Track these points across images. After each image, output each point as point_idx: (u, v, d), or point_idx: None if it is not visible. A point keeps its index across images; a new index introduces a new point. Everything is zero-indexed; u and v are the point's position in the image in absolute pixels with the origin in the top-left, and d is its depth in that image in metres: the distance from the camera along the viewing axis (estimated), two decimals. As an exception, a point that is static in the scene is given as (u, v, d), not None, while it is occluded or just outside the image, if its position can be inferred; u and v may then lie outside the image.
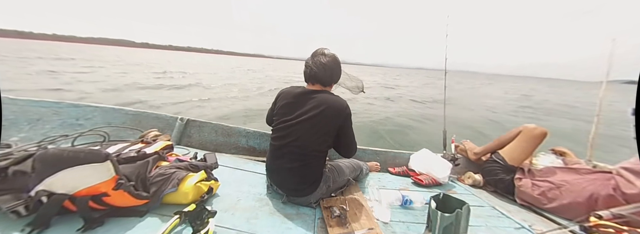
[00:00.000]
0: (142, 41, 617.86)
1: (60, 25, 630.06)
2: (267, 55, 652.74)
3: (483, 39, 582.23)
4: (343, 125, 1.14)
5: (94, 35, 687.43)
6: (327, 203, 1.16)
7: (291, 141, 1.11)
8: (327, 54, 1.18)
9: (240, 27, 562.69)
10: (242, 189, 1.22)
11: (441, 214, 0.87)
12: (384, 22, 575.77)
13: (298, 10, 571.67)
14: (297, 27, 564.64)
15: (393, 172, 1.78)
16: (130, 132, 1.68)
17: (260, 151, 1.87)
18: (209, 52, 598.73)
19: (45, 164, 0.73)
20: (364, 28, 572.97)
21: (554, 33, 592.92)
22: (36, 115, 1.64)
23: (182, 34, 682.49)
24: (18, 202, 0.70)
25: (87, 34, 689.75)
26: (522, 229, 1.16)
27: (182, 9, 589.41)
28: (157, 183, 0.94)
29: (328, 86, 1.23)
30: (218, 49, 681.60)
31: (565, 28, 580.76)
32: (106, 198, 0.80)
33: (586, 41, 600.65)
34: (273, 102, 1.29)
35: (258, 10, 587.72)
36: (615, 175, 1.27)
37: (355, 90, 1.50)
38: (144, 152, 1.07)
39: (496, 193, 1.61)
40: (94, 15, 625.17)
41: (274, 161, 1.18)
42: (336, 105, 1.11)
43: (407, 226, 1.11)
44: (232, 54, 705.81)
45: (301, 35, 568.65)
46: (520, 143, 1.55)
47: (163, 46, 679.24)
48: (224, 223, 0.93)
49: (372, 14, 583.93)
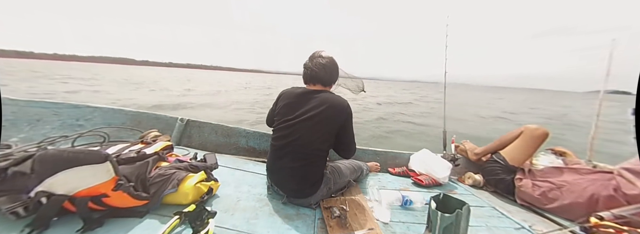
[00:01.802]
0: (142, 59, 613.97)
1: (60, 42, 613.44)
2: (266, 70, 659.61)
3: (472, 52, 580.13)
4: (344, 124, 1.15)
5: (95, 54, 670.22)
6: (327, 204, 1.16)
7: (293, 139, 1.11)
8: (325, 56, 1.21)
9: (240, 27, 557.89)
10: (242, 190, 1.22)
11: (441, 215, 0.87)
12: (384, 22, 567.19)
13: (298, 10, 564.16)
14: (297, 27, 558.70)
15: (393, 172, 1.77)
16: (130, 132, 1.68)
17: (260, 152, 1.87)
18: (208, 69, 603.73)
19: (44, 165, 0.73)
20: (364, 28, 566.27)
21: (524, 50, 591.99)
22: (36, 116, 1.64)
23: (182, 36, 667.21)
24: (18, 203, 0.70)
25: (89, 53, 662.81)
26: (523, 229, 1.16)
27: (182, 9, 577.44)
28: (157, 183, 0.94)
29: (328, 86, 1.25)
30: (217, 65, 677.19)
31: (534, 45, 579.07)
32: (106, 199, 0.80)
33: (555, 56, 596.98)
34: (274, 103, 1.30)
35: (258, 10, 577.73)
36: (616, 175, 1.27)
37: (356, 90, 1.50)
38: (144, 153, 1.07)
39: (496, 193, 1.61)
40: (91, 16, 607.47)
41: (275, 161, 1.18)
42: (337, 104, 1.13)
43: (407, 227, 1.10)
44: (231, 69, 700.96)
45: (301, 35, 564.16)
46: (521, 143, 1.55)
47: (163, 63, 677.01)
48: (223, 224, 0.92)
49: (372, 14, 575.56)
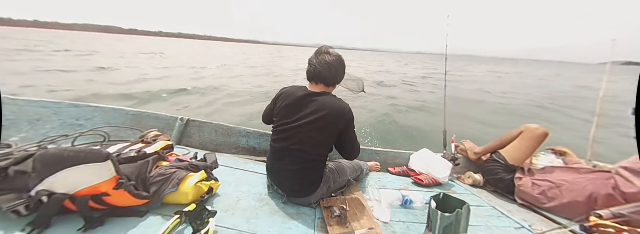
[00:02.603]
0: (129, 27, 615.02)
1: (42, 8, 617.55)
2: (262, 40, 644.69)
3: (481, 25, 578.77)
4: (344, 129, 1.13)
5: (77, 22, 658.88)
6: (327, 203, 1.16)
7: (292, 143, 1.10)
8: (332, 53, 1.15)
9: (240, 27, 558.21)
10: (242, 189, 1.22)
11: (441, 214, 0.87)
12: (384, 22, 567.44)
13: (298, 10, 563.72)
14: (297, 27, 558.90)
15: (393, 172, 1.78)
16: (130, 132, 1.68)
17: (260, 151, 1.87)
18: (201, 39, 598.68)
19: (45, 164, 0.73)
20: (364, 28, 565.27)
21: (545, 18, 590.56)
22: (36, 115, 1.64)
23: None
24: (18, 202, 0.70)
25: (71, 20, 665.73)
26: (522, 228, 1.16)
27: (181, 9, 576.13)
28: (157, 182, 0.94)
29: (331, 86, 1.20)
30: (211, 35, 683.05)
31: (556, 13, 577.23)
32: (106, 198, 0.80)
33: (578, 27, 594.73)
34: (272, 100, 1.27)
35: (258, 10, 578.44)
36: (614, 174, 1.27)
37: (356, 90, 1.50)
38: (144, 152, 1.07)
39: (496, 192, 1.61)
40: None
41: (274, 162, 1.18)
42: (338, 110, 1.10)
43: (407, 226, 1.11)
44: (226, 40, 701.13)
45: (301, 35, 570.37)
46: (521, 143, 1.55)
47: (153, 32, 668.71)
48: (224, 223, 0.93)
49: (372, 14, 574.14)
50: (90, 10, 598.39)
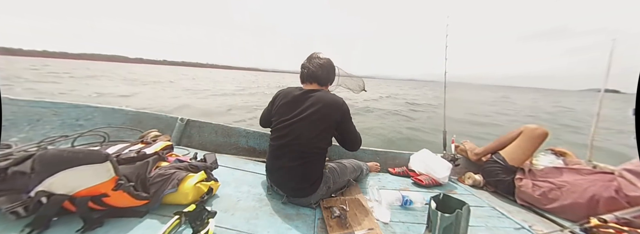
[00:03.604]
0: (136, 57, 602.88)
1: (50, 39, 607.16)
2: (262, 68, 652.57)
3: (467, 53, 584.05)
4: (341, 121, 1.17)
5: (86, 52, 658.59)
6: (327, 203, 1.16)
7: (291, 139, 1.13)
8: (322, 56, 1.25)
9: (240, 27, 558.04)
10: (242, 190, 1.22)
11: (441, 215, 0.87)
12: (384, 22, 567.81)
13: (298, 11, 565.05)
14: (297, 27, 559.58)
15: (393, 172, 1.77)
16: (130, 132, 1.68)
17: (260, 151, 1.87)
18: (204, 67, 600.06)
19: (44, 165, 0.73)
20: (364, 28, 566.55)
21: (519, 51, 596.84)
22: (36, 115, 1.64)
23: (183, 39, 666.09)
24: (17, 203, 0.70)
25: (80, 50, 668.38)
26: (522, 229, 1.16)
27: (181, 9, 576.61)
28: (157, 183, 0.94)
29: (325, 86, 1.28)
30: (213, 64, 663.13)
31: (526, 46, 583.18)
32: (106, 199, 0.80)
33: (548, 56, 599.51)
34: (270, 103, 1.32)
35: (258, 10, 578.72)
36: (617, 177, 1.27)
37: (357, 89, 1.50)
38: (144, 153, 1.07)
39: (496, 193, 1.61)
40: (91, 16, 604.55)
41: (274, 161, 1.19)
42: (332, 102, 1.15)
43: (407, 227, 1.10)
44: (228, 67, 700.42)
45: (301, 35, 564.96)
46: (521, 143, 1.54)
47: (157, 61, 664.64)
48: (223, 224, 0.92)
49: (372, 14, 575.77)
50: (98, 41, 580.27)
